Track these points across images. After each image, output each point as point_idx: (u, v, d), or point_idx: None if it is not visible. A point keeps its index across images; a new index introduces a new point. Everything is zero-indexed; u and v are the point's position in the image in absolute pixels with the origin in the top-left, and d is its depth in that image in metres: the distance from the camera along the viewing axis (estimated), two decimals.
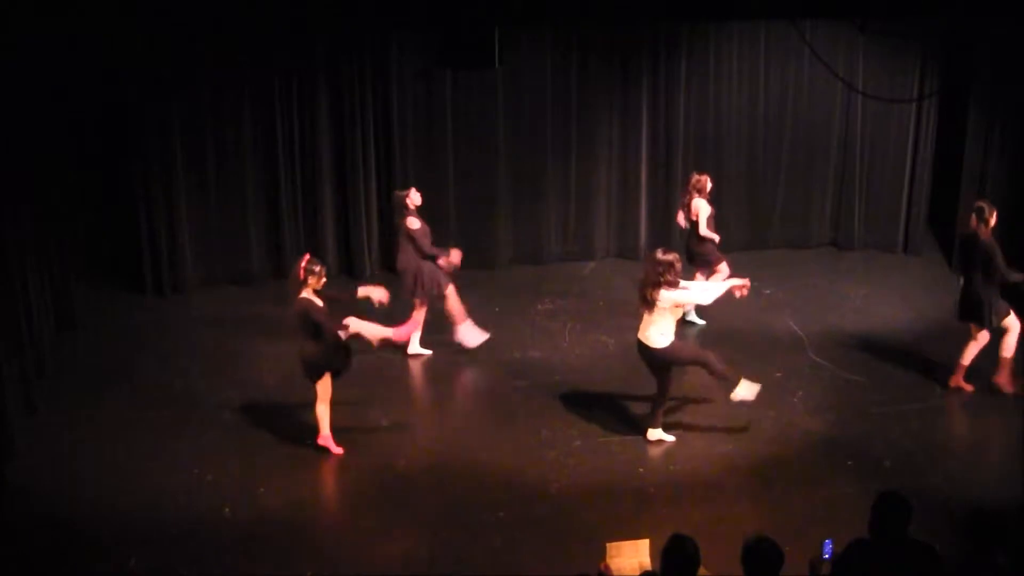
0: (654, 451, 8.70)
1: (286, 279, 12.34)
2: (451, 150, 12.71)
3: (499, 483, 8.21)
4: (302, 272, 8.34)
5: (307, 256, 8.55)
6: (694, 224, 10.89)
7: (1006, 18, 11.06)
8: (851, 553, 5.26)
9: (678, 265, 8.45)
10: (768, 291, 11.93)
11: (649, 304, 8.43)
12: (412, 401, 9.50)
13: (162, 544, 7.42)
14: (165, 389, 9.84)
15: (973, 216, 9.39)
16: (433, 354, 10.63)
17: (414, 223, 10.22)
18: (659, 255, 8.46)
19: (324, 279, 8.42)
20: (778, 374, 10.01)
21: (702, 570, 5.30)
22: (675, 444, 8.77)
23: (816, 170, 13.44)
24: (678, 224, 11.33)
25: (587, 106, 12.88)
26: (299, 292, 8.38)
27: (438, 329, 10.61)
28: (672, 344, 8.54)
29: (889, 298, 11.91)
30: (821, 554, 5.82)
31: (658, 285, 8.35)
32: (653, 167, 13.21)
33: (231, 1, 11.01)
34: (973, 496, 7.80)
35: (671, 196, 13.27)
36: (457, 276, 10.61)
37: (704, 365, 8.78)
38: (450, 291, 10.42)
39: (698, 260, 10.97)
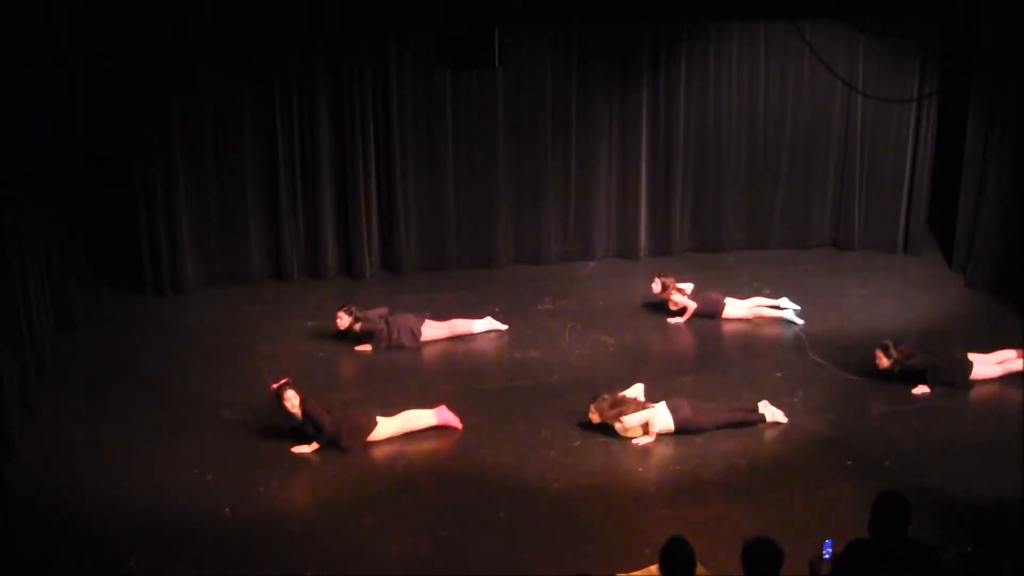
0: (654, 451, 8.70)
1: (285, 280, 12.53)
2: (451, 150, 12.71)
3: (499, 483, 8.20)
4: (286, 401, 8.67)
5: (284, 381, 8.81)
6: (683, 310, 11.29)
7: (1006, 18, 11.05)
8: (851, 553, 5.25)
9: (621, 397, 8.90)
10: (767, 291, 11.92)
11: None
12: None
13: (162, 544, 7.42)
14: (165, 389, 9.84)
15: (881, 354, 9.63)
16: (432, 354, 10.67)
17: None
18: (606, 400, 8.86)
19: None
20: (778, 374, 10.01)
21: (701, 569, 5.30)
22: (675, 444, 8.77)
23: (816, 170, 13.44)
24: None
25: (587, 106, 12.87)
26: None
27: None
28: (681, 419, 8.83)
29: (889, 298, 11.90)
30: (821, 554, 5.83)
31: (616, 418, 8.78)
32: (653, 167, 13.21)
33: (231, 1, 11.00)
34: (973, 496, 7.81)
35: (671, 196, 13.29)
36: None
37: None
38: (431, 331, 10.80)
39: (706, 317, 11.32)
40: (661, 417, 8.79)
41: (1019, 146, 11.58)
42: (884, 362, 9.61)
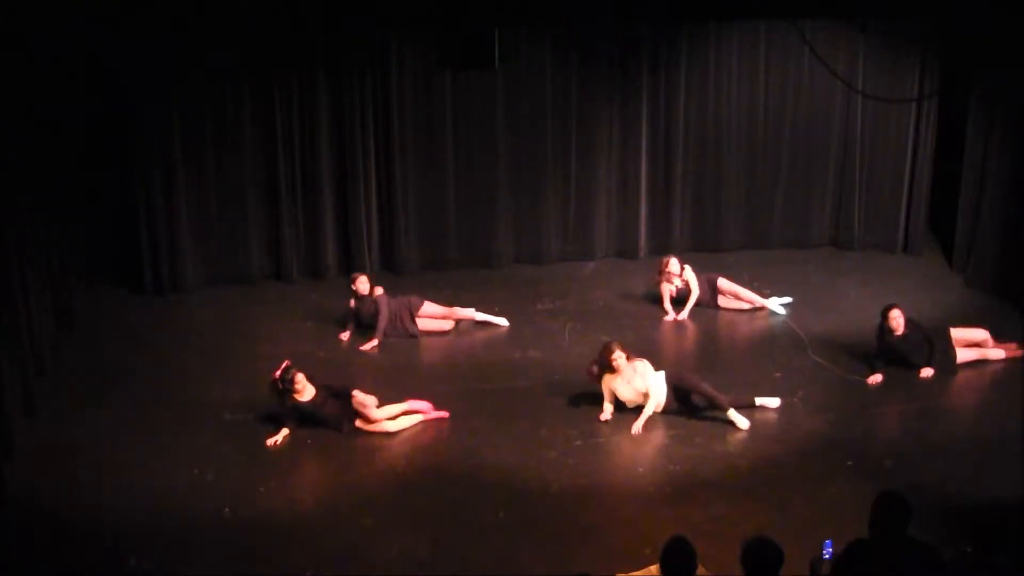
0: (654, 451, 8.70)
1: (285, 280, 12.53)
2: (451, 150, 12.72)
3: (499, 483, 8.20)
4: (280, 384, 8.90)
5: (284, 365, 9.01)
6: (684, 299, 11.49)
7: (1006, 18, 11.04)
8: (851, 553, 5.25)
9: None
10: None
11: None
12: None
13: (162, 544, 7.42)
14: (165, 389, 9.84)
15: (899, 311, 9.86)
16: (432, 354, 10.67)
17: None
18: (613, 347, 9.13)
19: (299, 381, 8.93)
20: (778, 374, 10.01)
21: (702, 569, 5.30)
22: (675, 444, 8.77)
23: (816, 170, 13.44)
24: (669, 297, 11.59)
25: (587, 106, 12.88)
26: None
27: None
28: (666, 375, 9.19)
29: (889, 298, 11.84)
30: (821, 554, 5.84)
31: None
32: (653, 167, 13.22)
33: (231, 1, 11.00)
34: (973, 496, 7.80)
35: (671, 196, 13.30)
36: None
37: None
38: (430, 309, 11.08)
39: (712, 304, 11.55)
40: (663, 381, 9.11)
41: (1019, 146, 11.58)
42: (900, 324, 9.74)
